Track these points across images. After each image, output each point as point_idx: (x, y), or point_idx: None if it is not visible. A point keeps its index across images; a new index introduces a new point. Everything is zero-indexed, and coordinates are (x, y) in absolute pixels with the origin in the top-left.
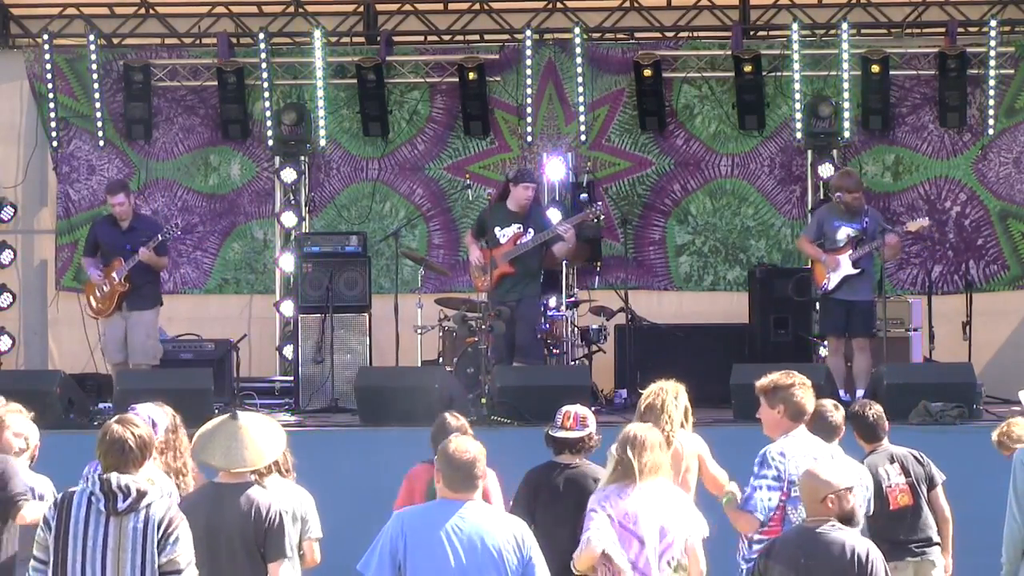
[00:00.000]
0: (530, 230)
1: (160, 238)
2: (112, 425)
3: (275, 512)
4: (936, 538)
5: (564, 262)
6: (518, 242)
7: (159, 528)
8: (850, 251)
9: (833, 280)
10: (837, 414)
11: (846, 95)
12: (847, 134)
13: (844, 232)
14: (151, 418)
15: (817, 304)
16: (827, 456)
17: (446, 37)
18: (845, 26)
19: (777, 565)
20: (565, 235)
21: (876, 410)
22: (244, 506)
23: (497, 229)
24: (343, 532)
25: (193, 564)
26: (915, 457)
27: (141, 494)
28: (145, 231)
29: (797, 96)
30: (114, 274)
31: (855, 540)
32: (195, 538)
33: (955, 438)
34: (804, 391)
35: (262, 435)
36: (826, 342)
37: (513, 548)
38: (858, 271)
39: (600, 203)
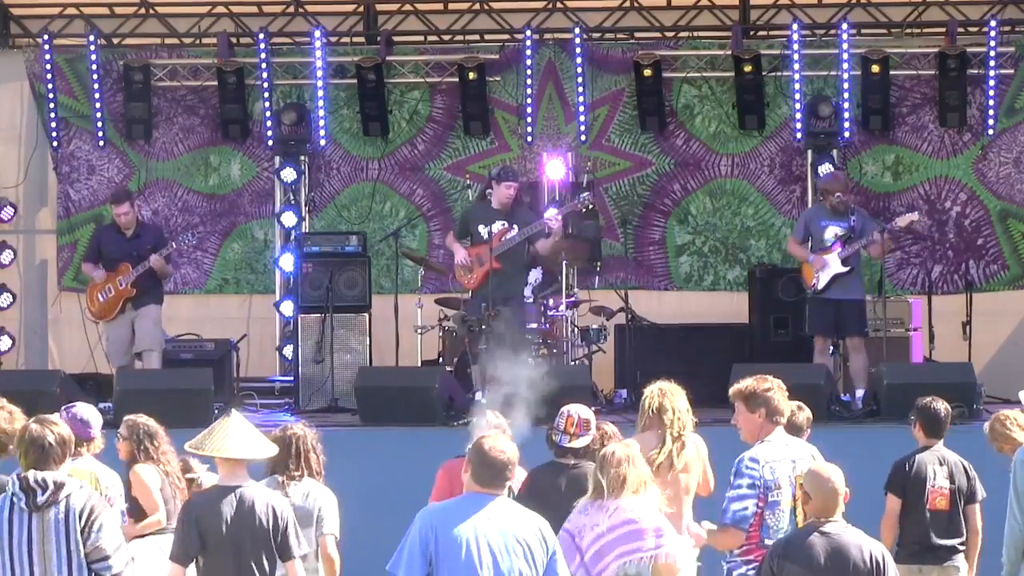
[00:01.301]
0: (515, 226)
1: (172, 247)
2: (31, 425)
3: (286, 512)
4: (962, 547)
5: (564, 262)
6: (504, 237)
7: (81, 517)
8: (838, 249)
9: (823, 279)
10: (801, 414)
11: (846, 95)
12: (847, 134)
13: (832, 231)
14: (82, 416)
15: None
16: (808, 456)
17: (446, 37)
18: (845, 26)
19: (795, 566)
20: (555, 226)
21: (945, 406)
22: (254, 507)
23: (481, 227)
24: (342, 532)
25: (122, 549)
26: (964, 467)
27: (59, 486)
28: (150, 237)
29: (797, 96)
30: (120, 279)
31: (871, 542)
32: (212, 540)
33: (955, 438)
34: (781, 393)
35: (252, 432)
36: (815, 342)
37: (539, 541)
38: (847, 269)
39: (588, 194)
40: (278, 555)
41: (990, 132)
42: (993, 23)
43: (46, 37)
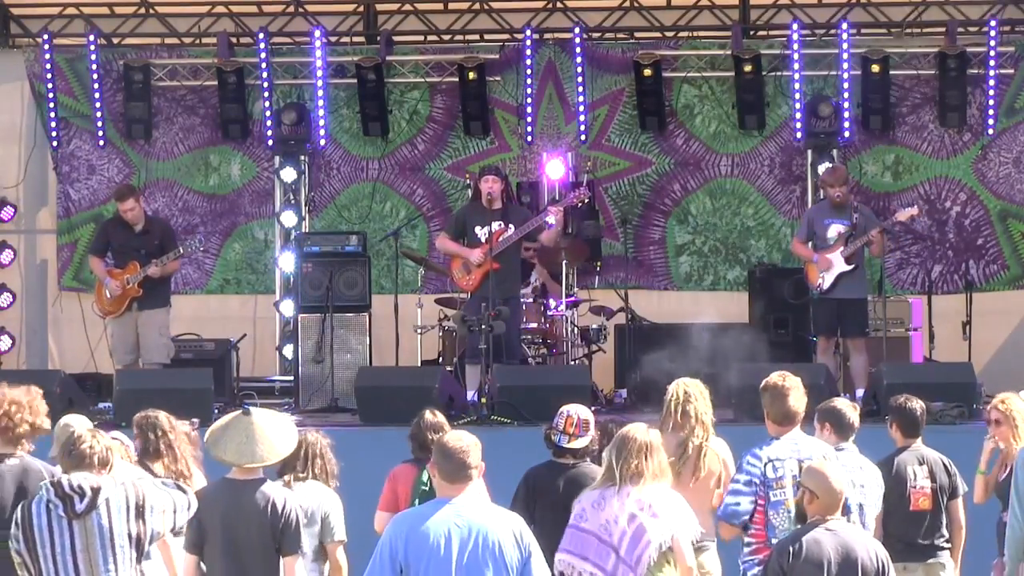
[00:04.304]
0: (511, 226)
1: (180, 251)
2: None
3: (290, 508)
4: (947, 544)
5: (564, 262)
6: (501, 238)
7: (130, 513)
8: (841, 248)
9: (828, 279)
10: (853, 414)
11: (846, 95)
12: (847, 134)
13: (835, 229)
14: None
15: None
16: (820, 457)
17: (446, 37)
18: (845, 26)
19: (807, 565)
20: (557, 216)
21: (920, 405)
22: (260, 502)
23: (477, 228)
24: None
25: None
26: (944, 465)
27: (96, 490)
28: (158, 234)
29: (797, 96)
30: (128, 278)
31: (873, 541)
32: (212, 534)
33: (955, 438)
34: (774, 394)
35: (274, 431)
36: (818, 341)
37: (513, 544)
38: (852, 267)
39: (584, 187)
40: (278, 552)
41: (990, 132)
42: (993, 23)
43: (46, 37)
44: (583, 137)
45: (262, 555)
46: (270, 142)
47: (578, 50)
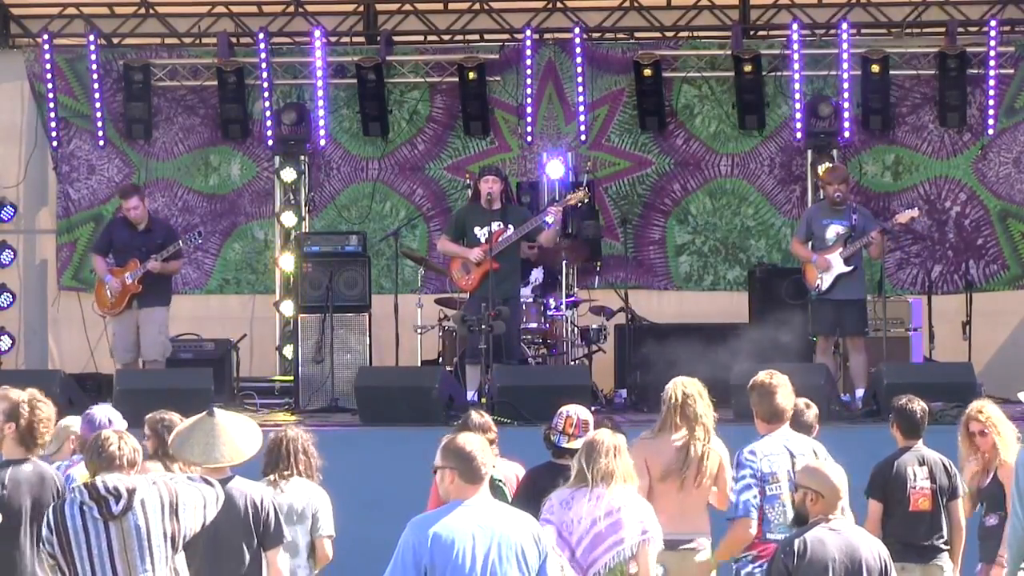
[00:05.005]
0: (511, 226)
1: (180, 245)
2: (100, 432)
3: (269, 503)
4: (945, 546)
5: (564, 261)
6: (500, 238)
7: (164, 512)
8: (840, 249)
9: (826, 281)
10: (809, 412)
11: (846, 95)
12: (847, 134)
13: (833, 230)
14: (92, 417)
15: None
16: (810, 452)
17: (446, 37)
18: (845, 26)
19: (813, 566)
20: (555, 216)
21: (922, 406)
22: (238, 500)
23: (476, 228)
24: (342, 532)
25: (209, 505)
26: (944, 466)
27: (132, 491)
28: (160, 233)
29: (797, 96)
30: (128, 275)
31: (874, 540)
32: (194, 537)
33: (955, 438)
34: (762, 392)
35: (239, 432)
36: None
37: (533, 545)
38: (851, 268)
39: (584, 186)
40: (260, 546)
41: (990, 132)
42: (993, 23)
43: (46, 37)
44: (583, 137)
45: (245, 552)
46: (270, 142)
47: (578, 50)
